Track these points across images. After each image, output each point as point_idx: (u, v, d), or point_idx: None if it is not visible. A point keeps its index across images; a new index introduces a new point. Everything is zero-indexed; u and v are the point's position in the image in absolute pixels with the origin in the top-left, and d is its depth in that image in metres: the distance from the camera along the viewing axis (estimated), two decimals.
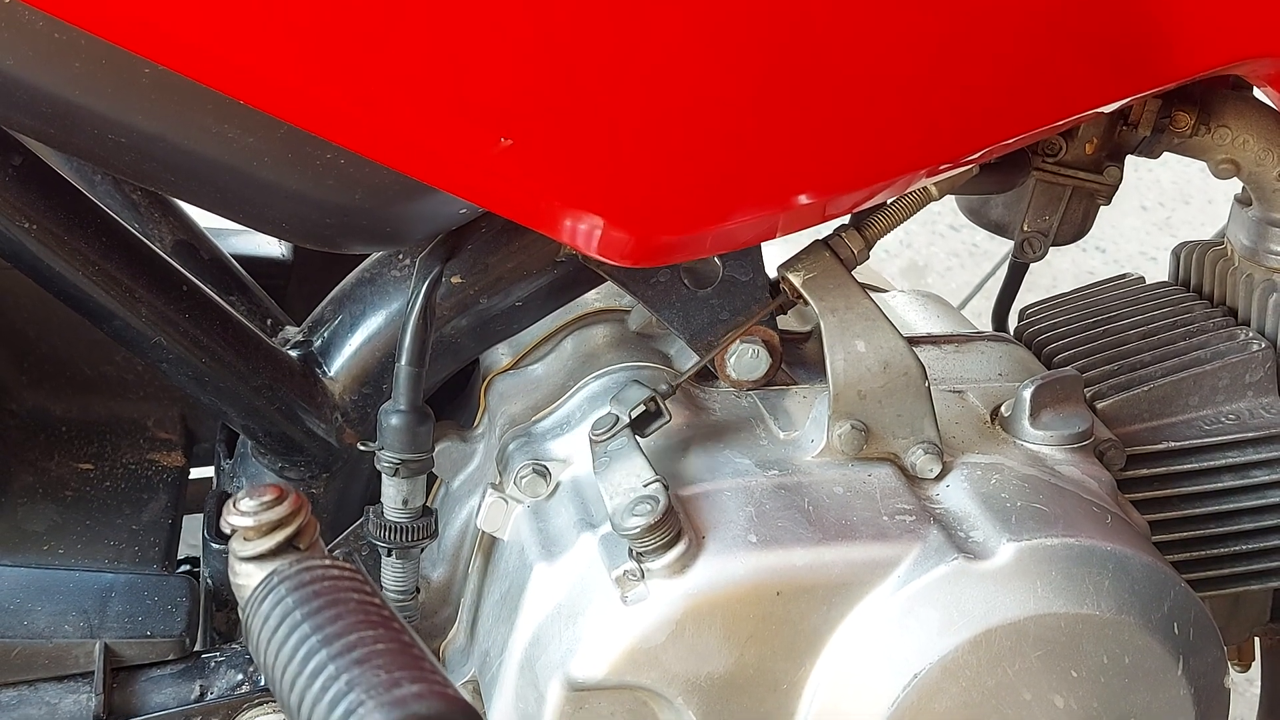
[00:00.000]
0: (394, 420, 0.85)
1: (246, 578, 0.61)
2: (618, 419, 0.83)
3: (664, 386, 0.85)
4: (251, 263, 1.12)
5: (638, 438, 0.83)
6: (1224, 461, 0.98)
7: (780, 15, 0.70)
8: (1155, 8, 0.77)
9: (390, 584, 0.88)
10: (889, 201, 0.88)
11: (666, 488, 0.78)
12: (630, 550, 0.77)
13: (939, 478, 0.85)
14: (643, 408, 0.83)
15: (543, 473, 0.87)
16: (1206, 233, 1.90)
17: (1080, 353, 1.03)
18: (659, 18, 0.68)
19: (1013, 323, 1.14)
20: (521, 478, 0.87)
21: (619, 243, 0.75)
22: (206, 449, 1.09)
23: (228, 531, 0.64)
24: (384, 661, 0.54)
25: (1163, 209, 3.03)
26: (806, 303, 0.87)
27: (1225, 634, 1.00)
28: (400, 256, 0.93)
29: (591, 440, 0.83)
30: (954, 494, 0.84)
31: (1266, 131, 0.96)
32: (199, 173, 0.78)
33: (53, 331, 1.01)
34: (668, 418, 0.84)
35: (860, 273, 0.89)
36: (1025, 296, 1.16)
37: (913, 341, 0.89)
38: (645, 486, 0.78)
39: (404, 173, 0.72)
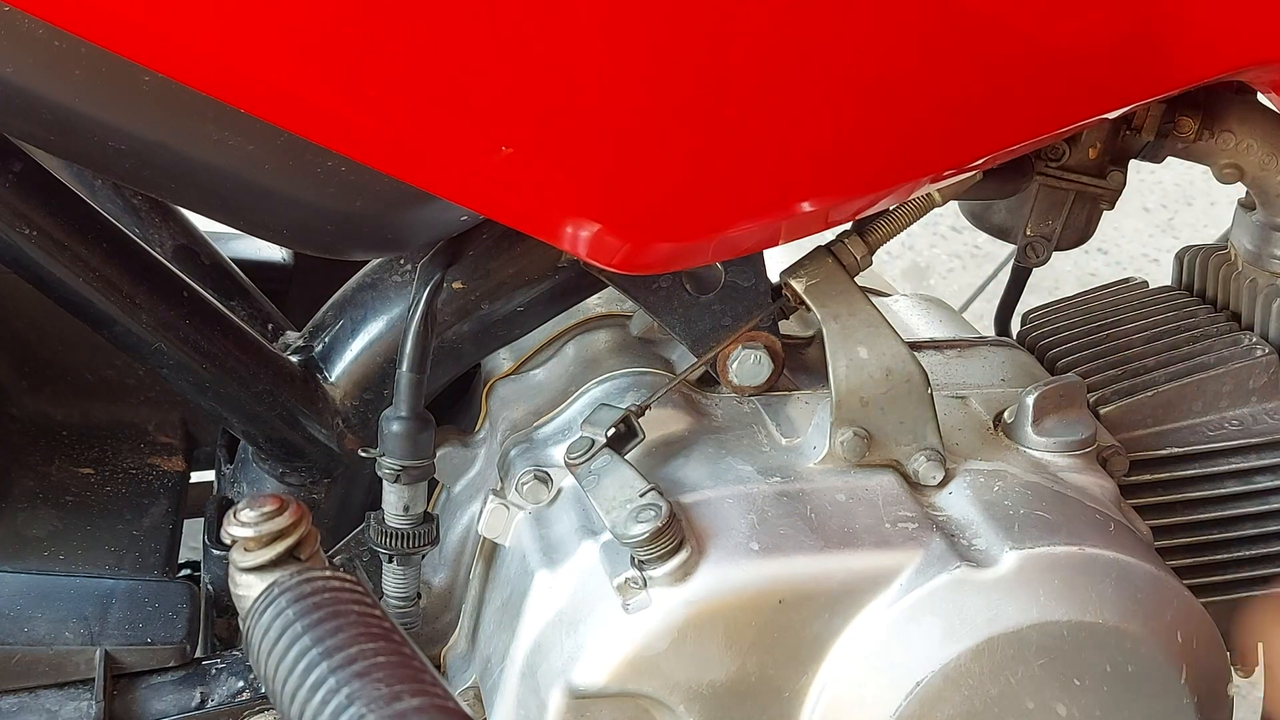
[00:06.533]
0: (395, 426, 0.84)
1: (247, 588, 0.61)
2: (593, 442, 0.82)
3: (634, 406, 0.84)
4: (252, 268, 1.12)
5: (619, 455, 0.82)
6: (1228, 467, 0.97)
7: (781, 22, 0.70)
8: (1159, 14, 0.77)
9: (391, 590, 0.88)
10: (892, 207, 0.88)
11: (663, 495, 0.78)
12: (632, 558, 0.77)
13: (941, 485, 0.85)
14: (615, 429, 0.83)
15: (544, 479, 0.86)
16: (1209, 234, 1.90)
17: (1083, 358, 1.03)
18: (660, 25, 0.68)
19: (1015, 327, 1.14)
20: (523, 484, 0.86)
21: (620, 250, 0.75)
22: (207, 453, 1.08)
23: (228, 542, 0.64)
24: (385, 674, 0.54)
25: (1165, 210, 3.03)
26: (809, 309, 0.86)
27: (1228, 639, 1.00)
28: (401, 262, 0.93)
29: (568, 464, 0.83)
30: (956, 501, 0.84)
31: (1271, 136, 0.96)
32: (199, 179, 0.78)
33: (53, 337, 1.01)
34: (642, 437, 0.84)
35: (862, 276, 0.89)
36: (1027, 299, 1.16)
37: (915, 347, 0.89)
38: (641, 496, 0.78)
39: (405, 180, 0.72)
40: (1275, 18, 0.80)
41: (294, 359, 0.94)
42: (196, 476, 1.08)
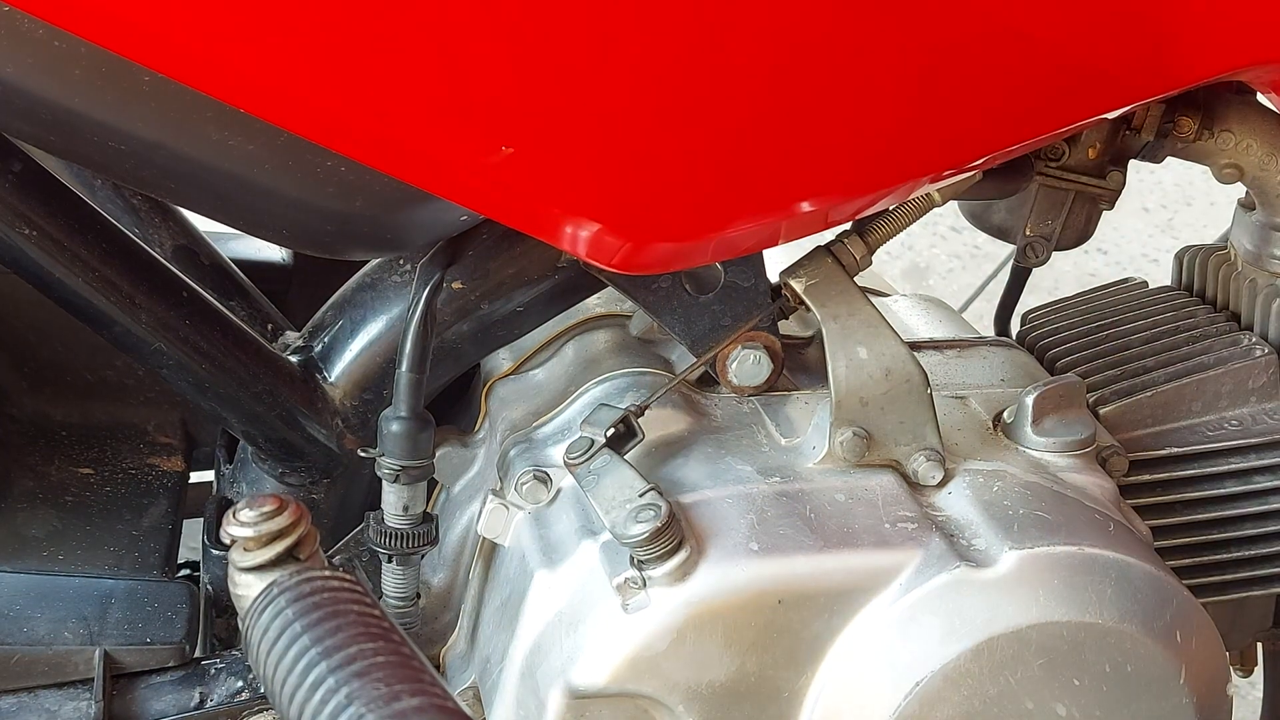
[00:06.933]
0: (394, 426, 0.85)
1: (246, 588, 0.61)
2: (593, 442, 0.82)
3: (634, 406, 0.84)
4: (252, 268, 1.12)
5: (618, 455, 0.82)
6: (1227, 467, 0.97)
7: (780, 21, 0.70)
8: (1159, 14, 0.77)
9: (391, 590, 0.88)
10: (892, 208, 0.88)
11: (662, 495, 0.78)
12: (631, 558, 0.77)
13: (941, 485, 0.85)
14: (615, 429, 0.83)
15: (544, 479, 0.86)
16: (1209, 235, 1.91)
17: (1083, 358, 1.03)
18: (660, 25, 0.68)
19: (1015, 327, 1.14)
20: (522, 484, 0.86)
21: (619, 250, 0.75)
22: (207, 453, 1.08)
23: (228, 542, 0.64)
24: (384, 674, 0.54)
25: (1165, 211, 3.03)
26: (809, 309, 0.86)
27: (1228, 639, 1.00)
28: (401, 262, 0.93)
29: (567, 464, 0.83)
30: (956, 501, 0.84)
31: (1270, 136, 0.96)
32: (199, 179, 0.78)
33: (53, 337, 1.01)
34: (642, 437, 0.84)
35: (862, 276, 0.89)
36: (1027, 299, 1.16)
37: (915, 347, 0.89)
38: (641, 496, 0.78)
39: (405, 180, 0.72)
40: (1275, 18, 0.80)
41: (294, 359, 0.94)
42: (196, 476, 1.08)
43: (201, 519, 1.00)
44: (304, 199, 0.79)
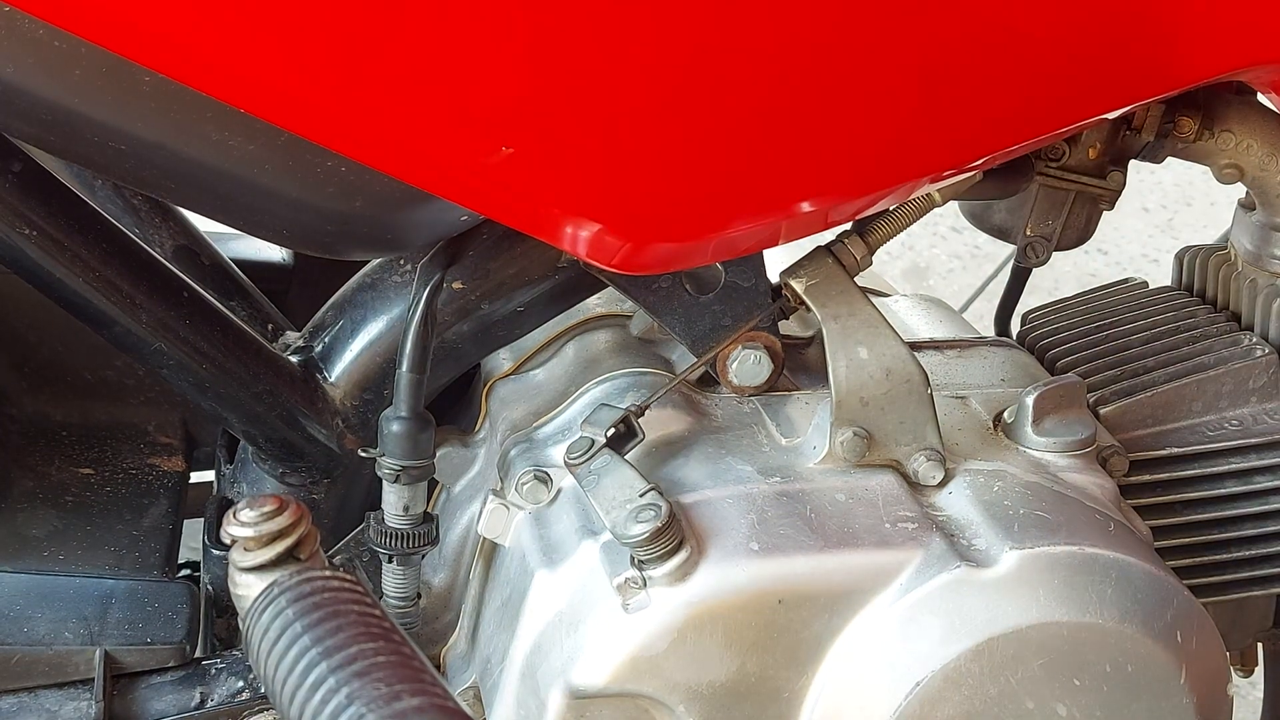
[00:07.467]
0: (395, 427, 0.85)
1: (247, 589, 0.61)
2: (593, 442, 0.82)
3: (634, 406, 0.84)
4: (252, 268, 1.12)
5: (619, 455, 0.83)
6: (1227, 467, 0.97)
7: (780, 22, 0.70)
8: (1159, 14, 0.77)
9: (391, 590, 0.88)
10: (892, 208, 0.88)
11: (663, 495, 0.78)
12: (632, 558, 0.77)
13: (941, 485, 0.85)
14: (615, 429, 0.83)
15: (544, 479, 0.87)
16: (1209, 235, 1.91)
17: (1083, 358, 1.03)
18: (660, 25, 0.68)
19: (1015, 327, 1.14)
20: (523, 484, 0.87)
21: (620, 250, 0.75)
22: (207, 453, 1.08)
23: (228, 542, 0.64)
24: (384, 674, 0.54)
25: (1165, 211, 3.03)
26: (809, 309, 0.86)
27: (1228, 639, 1.00)
28: (401, 262, 0.93)
29: (568, 464, 0.83)
30: (956, 501, 0.84)
31: (1270, 136, 0.96)
32: (199, 180, 0.78)
33: (53, 337, 1.01)
34: (642, 437, 0.84)
35: (862, 276, 0.89)
36: (1027, 299, 1.16)
37: (915, 347, 0.89)
38: (641, 496, 0.78)
39: (405, 180, 0.72)
40: (1275, 18, 0.80)
41: (294, 359, 0.94)
42: (196, 476, 1.08)
43: (202, 519, 1.00)
44: (304, 199, 0.79)
